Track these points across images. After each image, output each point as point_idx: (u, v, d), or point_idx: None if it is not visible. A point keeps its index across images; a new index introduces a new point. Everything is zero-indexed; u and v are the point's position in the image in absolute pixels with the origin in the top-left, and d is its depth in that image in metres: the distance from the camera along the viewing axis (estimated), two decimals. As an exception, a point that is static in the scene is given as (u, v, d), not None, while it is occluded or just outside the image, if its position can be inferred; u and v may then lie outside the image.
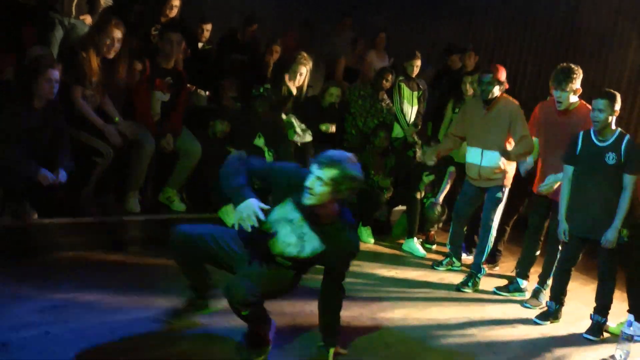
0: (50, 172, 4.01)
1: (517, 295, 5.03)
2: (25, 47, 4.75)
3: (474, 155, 5.11)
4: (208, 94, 5.94)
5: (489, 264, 5.51)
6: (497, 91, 4.93)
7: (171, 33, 5.06)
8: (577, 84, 4.55)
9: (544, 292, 4.86)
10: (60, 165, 4.10)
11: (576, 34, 7.83)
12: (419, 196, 6.11)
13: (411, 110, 6.73)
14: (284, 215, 3.13)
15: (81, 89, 4.49)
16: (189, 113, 5.41)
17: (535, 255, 5.16)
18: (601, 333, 4.31)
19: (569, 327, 4.49)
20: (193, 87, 5.75)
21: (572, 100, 4.61)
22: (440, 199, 6.14)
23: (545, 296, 4.81)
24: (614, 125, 4.23)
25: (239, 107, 5.84)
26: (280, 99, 5.90)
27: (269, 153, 5.59)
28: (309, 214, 3.09)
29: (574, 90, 4.56)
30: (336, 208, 3.12)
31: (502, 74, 4.93)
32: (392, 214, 6.62)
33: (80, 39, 4.77)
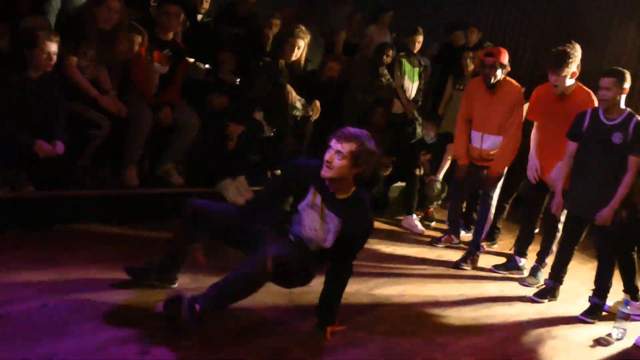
0: (47, 143, 3.97)
1: (515, 273, 5.03)
2: (21, 17, 4.67)
3: (474, 138, 5.08)
4: (207, 67, 5.87)
5: (487, 241, 5.51)
6: (499, 74, 4.85)
7: (170, 5, 4.97)
8: (573, 67, 4.45)
9: (542, 270, 4.87)
10: (56, 137, 4.05)
11: (577, 11, 7.75)
12: (418, 173, 6.09)
13: (412, 87, 6.69)
14: (308, 203, 3.23)
15: (76, 59, 4.43)
16: (187, 86, 5.36)
17: (533, 234, 5.15)
18: (597, 316, 4.29)
19: (566, 305, 4.50)
20: (191, 60, 5.69)
21: (569, 83, 4.54)
22: (439, 176, 6.12)
23: (543, 274, 4.82)
24: (622, 104, 4.13)
25: (237, 80, 5.78)
26: (278, 72, 5.85)
27: (268, 127, 5.55)
28: (327, 191, 3.16)
29: (569, 74, 4.48)
30: (353, 184, 3.18)
31: (504, 57, 4.86)
32: (390, 190, 6.61)
33: (77, 9, 4.70)
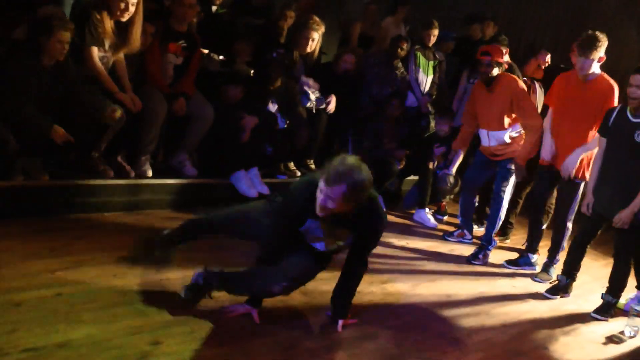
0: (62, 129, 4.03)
1: (528, 269, 5.02)
2: (36, 6, 4.69)
3: (482, 137, 5.14)
4: (221, 58, 5.87)
5: (499, 236, 5.50)
6: (495, 72, 4.91)
7: (185, -4, 4.98)
8: (601, 52, 4.44)
9: (554, 266, 4.85)
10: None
11: (595, 4, 7.67)
12: (431, 166, 6.07)
13: (426, 80, 6.65)
14: (311, 226, 3.19)
15: (97, 50, 4.45)
16: (202, 77, 5.36)
17: (542, 230, 5.13)
18: (610, 314, 4.26)
19: (578, 301, 4.48)
20: (206, 51, 5.70)
21: (595, 69, 4.50)
22: (452, 170, 6.09)
23: (555, 270, 4.80)
24: None
25: (252, 71, 5.78)
26: (292, 64, 5.84)
27: (282, 119, 5.55)
28: (330, 220, 3.11)
29: (597, 58, 4.45)
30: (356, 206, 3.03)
31: (499, 55, 4.89)
32: (403, 184, 6.59)
33: (93, 0, 4.71)
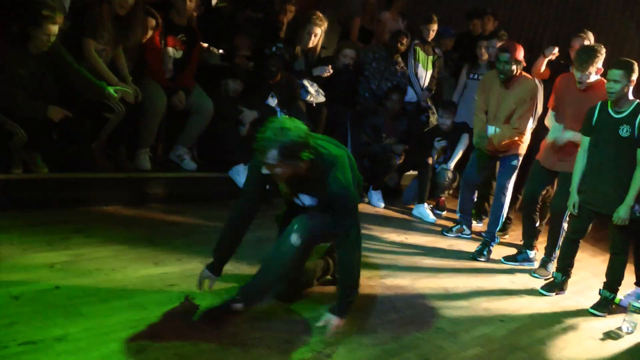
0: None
1: (526, 265, 5.02)
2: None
3: (489, 131, 5.09)
4: (221, 51, 5.87)
5: (499, 232, 5.49)
6: (515, 70, 4.86)
7: (185, -11, 4.97)
8: (598, 64, 4.43)
9: (552, 262, 4.86)
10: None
11: (595, 2, 7.65)
12: (430, 161, 6.07)
13: (425, 75, 6.65)
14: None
15: (94, 42, 4.43)
16: (202, 71, 5.36)
17: (536, 227, 5.13)
18: (608, 309, 4.27)
19: (577, 297, 4.49)
20: (206, 45, 5.69)
21: (593, 79, 4.48)
22: (451, 165, 6.10)
23: (553, 266, 4.81)
24: (631, 95, 4.07)
25: (252, 66, 5.78)
26: (293, 59, 5.83)
27: (282, 113, 5.55)
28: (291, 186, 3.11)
29: (594, 71, 4.44)
30: (308, 165, 2.96)
31: (520, 53, 4.85)
32: (402, 179, 6.60)
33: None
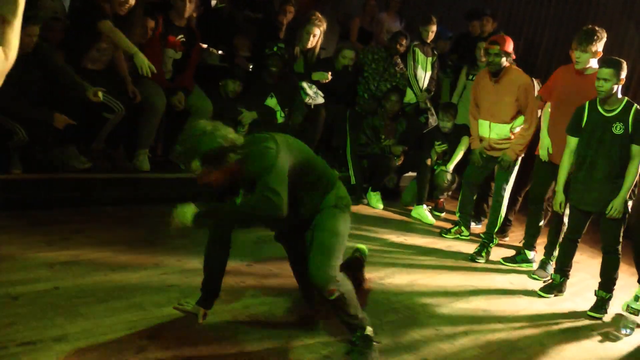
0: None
1: (525, 266, 5.02)
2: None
3: (483, 127, 5.09)
4: (220, 52, 5.87)
5: (498, 233, 5.49)
6: (504, 62, 4.86)
7: (184, -10, 4.97)
8: (598, 46, 4.45)
9: (551, 263, 4.85)
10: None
11: (594, 3, 7.66)
12: (429, 163, 6.07)
13: (425, 76, 6.64)
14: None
15: (108, 21, 4.39)
16: (201, 71, 5.36)
17: (539, 226, 5.12)
18: (605, 309, 4.24)
19: (575, 299, 4.49)
20: (205, 45, 5.69)
21: (592, 63, 4.49)
22: (451, 167, 6.10)
23: (552, 268, 4.80)
24: (619, 94, 4.10)
25: (251, 66, 5.78)
26: (292, 59, 5.83)
27: (281, 113, 5.55)
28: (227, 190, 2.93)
29: (593, 52, 4.45)
30: (236, 166, 2.77)
31: (509, 45, 4.85)
32: (401, 180, 6.60)
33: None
